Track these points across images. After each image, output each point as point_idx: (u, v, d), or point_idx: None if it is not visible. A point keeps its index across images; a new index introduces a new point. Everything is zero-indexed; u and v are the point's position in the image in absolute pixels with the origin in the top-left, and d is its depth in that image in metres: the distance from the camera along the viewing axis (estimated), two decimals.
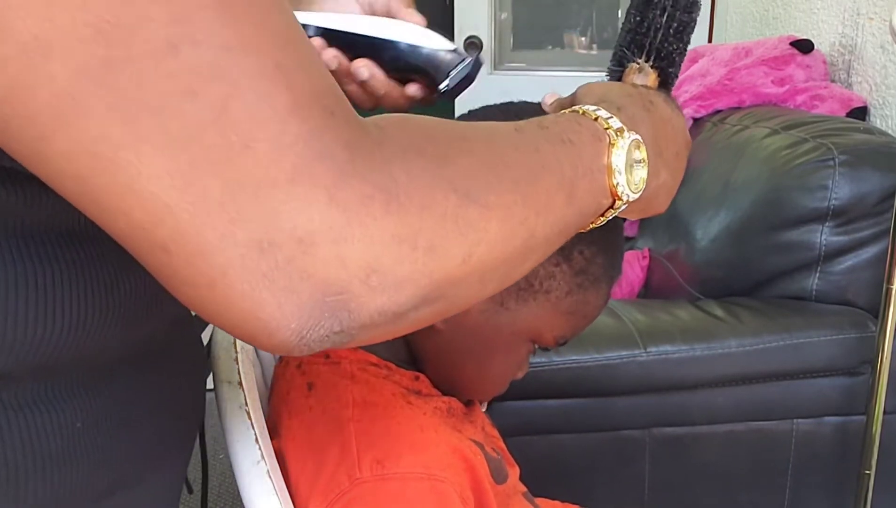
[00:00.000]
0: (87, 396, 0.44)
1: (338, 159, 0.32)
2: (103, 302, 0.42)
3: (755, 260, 1.49)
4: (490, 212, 0.38)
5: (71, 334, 0.41)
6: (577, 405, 1.35)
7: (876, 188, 1.39)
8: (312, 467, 0.61)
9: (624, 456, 1.38)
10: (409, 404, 0.64)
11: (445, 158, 0.37)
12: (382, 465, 0.59)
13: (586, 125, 0.48)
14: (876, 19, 1.72)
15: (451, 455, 0.62)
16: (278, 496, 0.59)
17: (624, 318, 1.40)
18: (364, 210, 0.32)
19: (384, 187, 0.33)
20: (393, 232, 0.33)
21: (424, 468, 0.59)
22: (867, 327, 1.36)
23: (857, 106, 1.72)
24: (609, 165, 0.47)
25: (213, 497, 1.88)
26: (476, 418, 0.72)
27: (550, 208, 0.43)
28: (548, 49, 3.33)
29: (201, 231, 0.30)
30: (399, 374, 0.66)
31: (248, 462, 0.60)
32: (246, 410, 0.62)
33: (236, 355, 0.65)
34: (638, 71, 0.62)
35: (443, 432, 0.63)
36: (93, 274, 0.41)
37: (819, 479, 1.43)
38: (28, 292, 0.39)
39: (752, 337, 1.35)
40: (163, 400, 0.50)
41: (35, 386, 0.41)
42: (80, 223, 0.40)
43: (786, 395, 1.38)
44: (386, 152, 0.34)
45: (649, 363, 1.32)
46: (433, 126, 0.40)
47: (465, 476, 0.62)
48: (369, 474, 0.58)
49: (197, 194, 0.30)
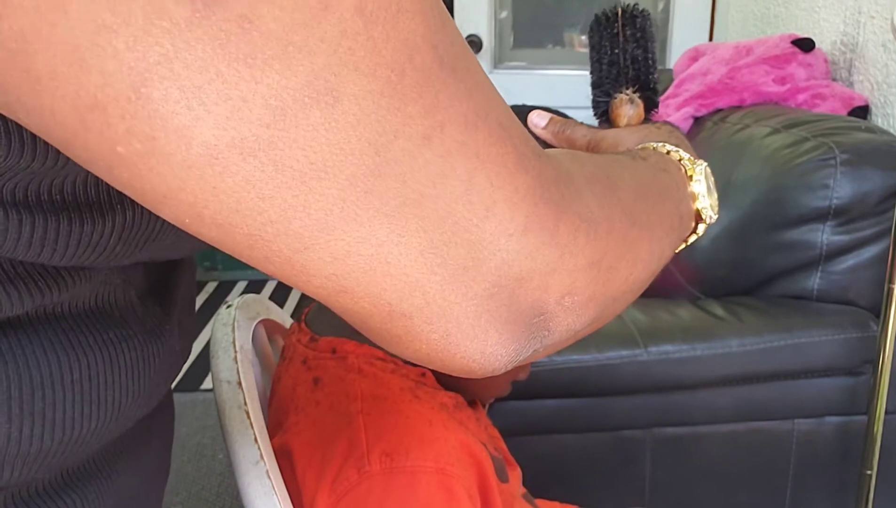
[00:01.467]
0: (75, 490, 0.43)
1: (554, 199, 0.34)
2: (135, 384, 0.42)
3: (756, 259, 1.49)
4: (644, 232, 0.42)
5: (105, 426, 0.41)
6: (578, 405, 1.35)
7: (877, 187, 1.39)
8: (320, 461, 0.60)
9: (624, 456, 1.38)
10: (416, 398, 0.63)
11: (615, 184, 0.41)
12: (392, 458, 0.58)
13: (667, 158, 0.53)
14: (877, 18, 1.71)
15: (460, 449, 0.61)
16: (277, 495, 0.58)
17: (624, 317, 1.39)
18: (574, 242, 0.35)
19: (586, 218, 0.36)
20: (590, 258, 0.36)
21: (434, 461, 0.59)
22: (868, 326, 1.36)
23: (858, 105, 1.71)
24: (692, 191, 0.53)
25: (212, 497, 1.88)
26: (480, 416, 0.72)
27: (673, 229, 0.48)
28: (548, 48, 3.32)
29: (446, 294, 0.32)
30: (406, 369, 0.66)
31: (248, 462, 0.59)
32: (245, 410, 0.61)
33: (235, 354, 0.64)
34: (629, 102, 0.63)
35: (451, 427, 0.63)
36: (123, 353, 0.41)
37: (820, 479, 1.43)
38: (65, 389, 0.38)
39: (753, 337, 1.34)
40: (143, 471, 0.49)
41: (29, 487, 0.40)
42: (106, 299, 0.40)
43: (787, 395, 1.38)
44: (578, 183, 0.37)
45: (650, 363, 1.32)
46: (582, 155, 0.43)
47: (472, 472, 0.62)
48: (378, 467, 0.58)
49: (446, 265, 0.31)
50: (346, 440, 0.60)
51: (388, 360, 0.65)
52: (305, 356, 0.66)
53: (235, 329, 0.66)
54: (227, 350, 0.65)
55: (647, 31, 0.63)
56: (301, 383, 0.65)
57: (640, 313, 1.42)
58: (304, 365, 0.66)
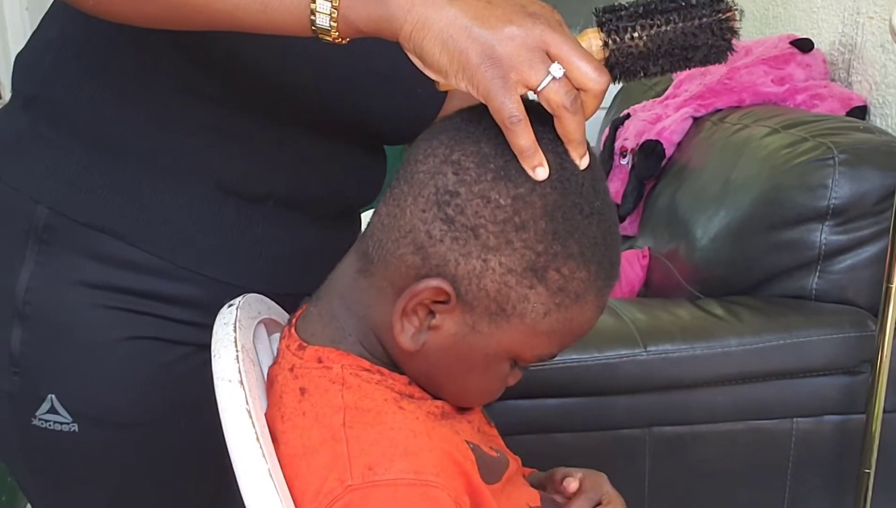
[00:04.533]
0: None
1: None
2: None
3: (755, 259, 1.49)
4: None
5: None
6: (577, 405, 1.35)
7: (876, 187, 1.39)
8: (305, 472, 0.61)
9: (624, 455, 1.38)
10: (400, 409, 0.63)
11: None
12: (374, 471, 0.58)
13: None
14: (876, 18, 1.72)
15: (445, 459, 0.61)
16: (279, 495, 0.59)
17: (624, 317, 1.40)
18: None
19: None
20: None
21: (416, 473, 0.59)
22: (867, 326, 1.36)
23: (856, 105, 1.72)
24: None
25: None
26: (473, 417, 0.71)
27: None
28: None
29: None
30: (392, 379, 0.65)
31: (249, 462, 0.60)
32: (247, 409, 0.62)
33: (237, 353, 0.65)
34: (593, 37, 0.60)
35: (436, 436, 0.62)
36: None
37: (819, 478, 1.43)
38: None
39: (751, 336, 1.35)
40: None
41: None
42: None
43: (785, 394, 1.38)
44: None
45: (649, 362, 1.32)
46: None
47: (460, 480, 0.61)
48: (360, 480, 0.58)
49: None
50: (330, 452, 0.60)
51: (374, 371, 0.65)
52: (293, 363, 0.66)
53: (237, 329, 0.66)
54: (228, 349, 0.65)
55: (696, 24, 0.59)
56: (288, 391, 0.65)
57: (639, 312, 1.42)
58: (290, 373, 0.65)
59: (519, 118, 0.56)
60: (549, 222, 0.60)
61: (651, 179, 1.93)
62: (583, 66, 0.56)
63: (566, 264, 0.61)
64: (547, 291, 0.62)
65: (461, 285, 0.61)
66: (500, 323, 0.62)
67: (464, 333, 0.63)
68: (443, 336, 0.63)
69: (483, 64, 0.55)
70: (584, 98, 0.57)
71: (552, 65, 0.56)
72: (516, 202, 0.60)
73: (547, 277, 0.61)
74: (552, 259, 0.61)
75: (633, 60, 0.60)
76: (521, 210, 0.60)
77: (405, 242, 0.62)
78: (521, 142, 0.57)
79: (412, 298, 0.61)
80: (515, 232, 0.60)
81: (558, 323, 0.63)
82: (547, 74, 0.56)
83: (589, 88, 0.57)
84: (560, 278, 0.62)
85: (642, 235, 1.94)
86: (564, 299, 0.62)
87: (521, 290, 0.61)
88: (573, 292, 0.62)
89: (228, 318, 0.68)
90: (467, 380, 0.67)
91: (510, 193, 0.60)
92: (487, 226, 0.60)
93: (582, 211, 0.61)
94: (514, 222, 0.60)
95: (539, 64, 0.56)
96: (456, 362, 0.65)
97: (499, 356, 0.65)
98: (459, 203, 0.60)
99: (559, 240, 0.61)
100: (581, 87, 0.57)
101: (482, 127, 0.61)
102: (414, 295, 0.61)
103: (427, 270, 0.61)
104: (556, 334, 0.64)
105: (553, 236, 0.60)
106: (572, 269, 0.62)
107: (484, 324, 0.62)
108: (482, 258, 0.60)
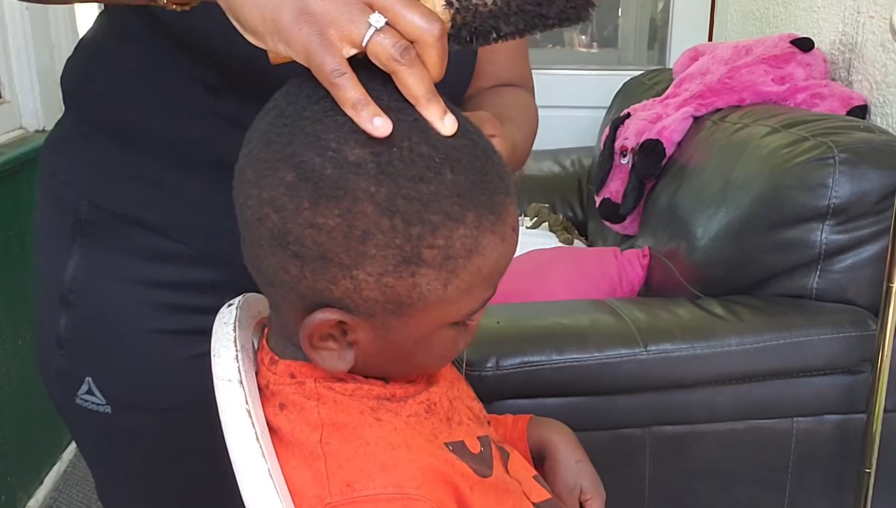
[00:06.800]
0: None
1: None
2: None
3: (755, 258, 1.49)
4: None
5: None
6: (577, 404, 1.35)
7: (876, 187, 1.39)
8: (285, 492, 0.60)
9: (624, 455, 1.38)
10: (378, 420, 0.62)
11: None
12: (352, 487, 0.58)
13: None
14: (876, 17, 1.72)
15: (426, 470, 0.60)
16: (279, 494, 0.59)
17: (624, 316, 1.40)
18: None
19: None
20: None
21: (396, 487, 0.58)
22: (867, 325, 1.36)
23: (857, 104, 1.72)
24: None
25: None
26: (457, 411, 0.70)
27: None
28: (548, 47, 3.33)
29: None
30: (368, 384, 0.63)
31: (249, 461, 0.60)
32: (246, 409, 0.62)
33: (236, 353, 0.65)
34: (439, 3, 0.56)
35: (416, 446, 0.61)
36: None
37: (819, 477, 1.43)
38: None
39: (752, 335, 1.35)
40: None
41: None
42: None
43: (786, 393, 1.38)
44: None
45: (649, 362, 1.32)
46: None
47: (445, 490, 0.60)
48: (339, 498, 0.57)
49: None
50: (308, 471, 0.60)
51: (348, 380, 0.63)
52: (268, 380, 0.65)
53: (237, 328, 0.66)
54: (228, 349, 0.65)
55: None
56: (269, 406, 0.64)
57: (639, 311, 1.42)
58: (267, 389, 0.65)
59: (342, 71, 0.52)
60: (391, 215, 0.54)
61: (651, 178, 1.93)
62: (408, 14, 0.52)
63: (437, 236, 0.55)
64: (433, 269, 0.56)
65: (347, 305, 0.57)
66: (409, 313, 0.58)
67: (382, 334, 0.59)
68: (366, 345, 0.60)
69: (297, 21, 0.52)
70: (422, 51, 0.53)
71: (372, 14, 0.52)
72: (346, 218, 0.54)
73: (424, 258, 0.55)
74: (418, 242, 0.54)
75: (483, 19, 0.56)
76: (354, 222, 0.54)
77: (276, 285, 0.59)
78: (349, 94, 0.52)
79: (311, 333, 0.58)
80: (362, 243, 0.54)
81: (466, 282, 0.57)
82: (369, 27, 0.52)
83: (419, 38, 0.52)
84: (439, 251, 0.55)
85: (642, 234, 1.94)
86: (456, 263, 0.56)
87: (405, 283, 0.56)
88: (462, 250, 0.56)
89: (228, 317, 0.68)
90: (418, 359, 0.63)
91: (334, 211, 0.54)
92: (333, 249, 0.54)
93: (424, 178, 0.54)
94: (356, 236, 0.54)
95: (359, 16, 0.52)
96: (396, 353, 0.62)
97: (429, 333, 0.60)
98: (296, 238, 0.55)
99: (413, 223, 0.54)
100: (411, 37, 0.52)
101: (273, 151, 0.56)
102: (311, 332, 0.58)
103: (308, 303, 0.57)
104: (473, 288, 0.58)
105: (405, 223, 0.54)
106: (446, 235, 0.55)
107: (393, 321, 0.58)
108: (349, 277, 0.55)
